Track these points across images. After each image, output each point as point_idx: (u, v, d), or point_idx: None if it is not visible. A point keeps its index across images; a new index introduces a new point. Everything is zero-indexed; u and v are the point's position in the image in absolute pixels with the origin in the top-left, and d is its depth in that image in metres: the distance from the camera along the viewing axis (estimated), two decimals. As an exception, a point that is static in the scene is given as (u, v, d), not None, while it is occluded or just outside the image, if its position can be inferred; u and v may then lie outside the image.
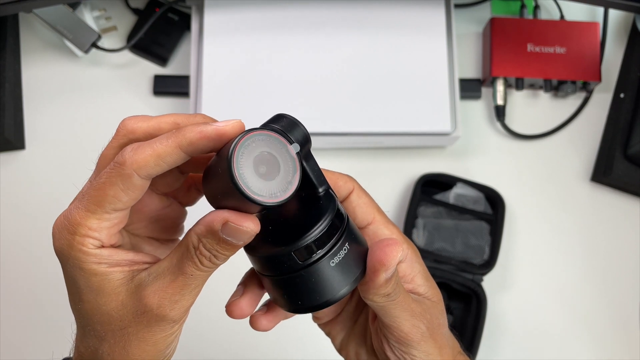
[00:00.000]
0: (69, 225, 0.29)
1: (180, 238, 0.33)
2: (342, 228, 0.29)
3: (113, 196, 0.28)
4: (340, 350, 0.39)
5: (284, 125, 0.28)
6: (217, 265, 0.29)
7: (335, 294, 0.29)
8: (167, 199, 0.34)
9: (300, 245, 0.28)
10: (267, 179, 0.27)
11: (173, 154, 0.27)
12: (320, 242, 0.28)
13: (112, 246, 0.30)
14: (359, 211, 0.34)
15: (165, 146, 0.27)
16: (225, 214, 0.27)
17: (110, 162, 0.29)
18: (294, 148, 0.28)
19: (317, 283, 0.28)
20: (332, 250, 0.28)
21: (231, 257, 0.29)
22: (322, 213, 0.28)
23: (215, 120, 0.29)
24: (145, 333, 0.29)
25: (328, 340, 0.39)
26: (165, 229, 0.35)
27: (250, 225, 0.27)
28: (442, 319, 0.35)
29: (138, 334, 0.29)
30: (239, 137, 0.26)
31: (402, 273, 0.34)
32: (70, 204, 0.30)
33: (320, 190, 0.30)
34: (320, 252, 0.28)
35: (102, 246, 0.29)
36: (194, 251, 0.28)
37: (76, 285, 0.29)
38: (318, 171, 0.30)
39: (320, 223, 0.28)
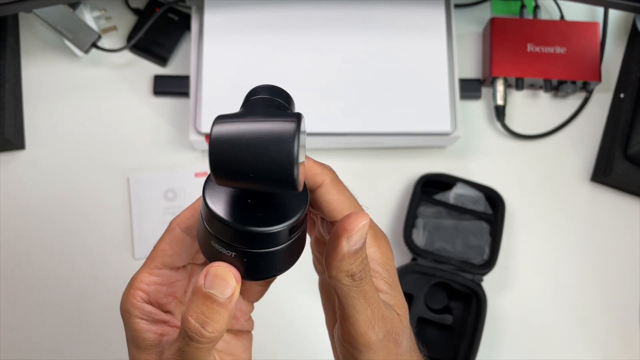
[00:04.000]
0: (130, 281, 0.33)
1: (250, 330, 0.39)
2: (284, 242, 0.29)
3: (162, 250, 0.33)
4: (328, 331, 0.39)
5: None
6: (209, 340, 0.29)
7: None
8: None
9: (246, 230, 0.28)
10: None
11: None
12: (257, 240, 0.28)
13: (160, 307, 0.33)
14: (325, 209, 0.33)
15: (199, 202, 0.31)
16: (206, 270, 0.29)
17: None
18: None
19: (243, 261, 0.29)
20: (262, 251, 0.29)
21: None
22: (282, 219, 0.28)
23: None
24: None
25: (326, 340, 0.39)
26: (236, 322, 0.38)
27: (232, 274, 0.28)
28: (402, 337, 0.33)
29: None
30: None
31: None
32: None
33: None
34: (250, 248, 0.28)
35: (150, 302, 0.33)
36: (184, 325, 0.29)
37: (127, 338, 0.33)
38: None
39: (271, 228, 0.28)
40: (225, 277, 0.28)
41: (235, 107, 0.70)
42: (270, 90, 0.29)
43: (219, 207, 0.28)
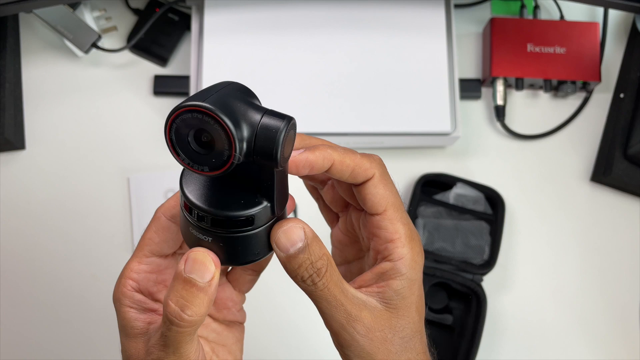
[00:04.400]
0: (121, 271, 0.34)
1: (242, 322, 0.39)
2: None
3: (149, 238, 0.33)
4: None
5: (265, 131, 0.27)
6: (189, 324, 0.29)
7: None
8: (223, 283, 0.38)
9: (216, 214, 0.29)
10: (202, 149, 0.27)
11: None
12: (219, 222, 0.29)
13: (151, 296, 0.34)
14: (369, 201, 0.33)
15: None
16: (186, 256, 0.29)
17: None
18: (236, 159, 0.27)
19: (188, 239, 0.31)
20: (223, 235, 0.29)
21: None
22: (254, 204, 0.29)
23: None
24: None
25: (326, 340, 0.39)
26: (227, 312, 0.38)
27: (211, 258, 0.29)
28: (394, 337, 0.32)
29: None
30: (195, 105, 0.26)
31: (383, 270, 0.33)
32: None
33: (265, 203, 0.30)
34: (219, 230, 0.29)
35: (140, 290, 0.33)
36: (165, 309, 0.29)
37: (118, 326, 0.33)
38: (270, 186, 0.29)
39: (242, 212, 0.29)
40: (204, 262, 0.29)
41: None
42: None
43: (195, 194, 0.29)
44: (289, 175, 0.31)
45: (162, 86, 0.69)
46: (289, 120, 0.27)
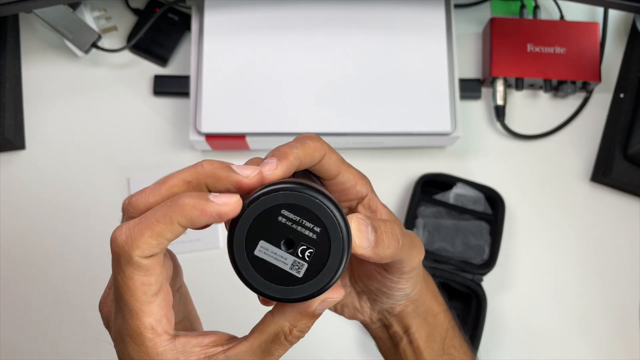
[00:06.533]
0: (134, 338, 0.30)
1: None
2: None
3: (142, 284, 0.30)
4: None
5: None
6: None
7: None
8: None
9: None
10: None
11: (174, 231, 0.28)
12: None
13: (177, 334, 0.30)
14: (329, 168, 0.36)
15: (164, 225, 0.28)
16: (321, 297, 0.28)
17: None
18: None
19: None
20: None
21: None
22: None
23: (225, 165, 0.29)
24: None
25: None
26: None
27: (340, 293, 0.29)
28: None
29: None
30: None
31: (367, 204, 0.38)
32: (114, 317, 0.31)
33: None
34: None
35: (173, 337, 0.30)
36: (284, 337, 0.29)
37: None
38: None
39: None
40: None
41: (235, 107, 0.70)
42: None
43: None
44: None
45: (162, 86, 0.69)
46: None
